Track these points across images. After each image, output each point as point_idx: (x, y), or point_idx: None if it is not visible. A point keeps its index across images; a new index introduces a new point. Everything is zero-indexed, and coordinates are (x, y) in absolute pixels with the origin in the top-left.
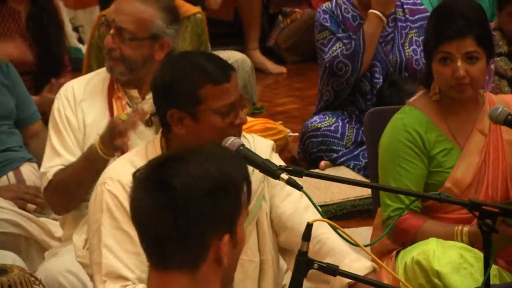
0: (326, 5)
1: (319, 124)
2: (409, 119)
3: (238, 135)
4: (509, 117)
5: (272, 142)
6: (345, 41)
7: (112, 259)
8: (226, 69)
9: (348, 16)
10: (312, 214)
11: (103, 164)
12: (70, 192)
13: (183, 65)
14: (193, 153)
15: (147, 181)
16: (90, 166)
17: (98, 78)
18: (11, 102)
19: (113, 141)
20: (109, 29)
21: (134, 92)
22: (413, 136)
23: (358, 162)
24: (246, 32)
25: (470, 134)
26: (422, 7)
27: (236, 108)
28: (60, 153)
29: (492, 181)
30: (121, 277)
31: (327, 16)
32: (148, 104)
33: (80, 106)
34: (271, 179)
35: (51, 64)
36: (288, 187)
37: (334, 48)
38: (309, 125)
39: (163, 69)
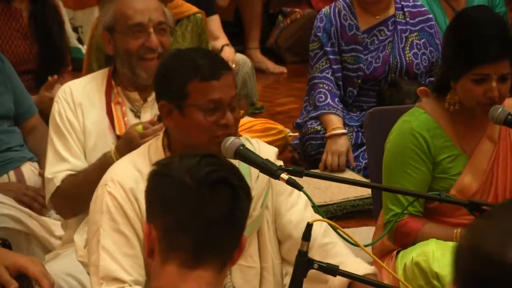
0: (325, 10)
1: (319, 127)
2: (417, 122)
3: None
4: (509, 117)
5: (276, 149)
6: (330, 56)
7: (109, 262)
8: (218, 67)
9: (346, 24)
10: (318, 224)
11: None
12: (81, 198)
13: (178, 59)
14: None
15: (202, 179)
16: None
17: (96, 82)
18: (9, 98)
19: None
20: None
21: (135, 95)
22: (419, 141)
23: (358, 163)
24: (246, 31)
25: (478, 141)
26: (423, 9)
27: (224, 108)
28: (65, 157)
29: (499, 190)
30: (117, 280)
31: (322, 24)
32: (149, 107)
33: (80, 108)
34: (275, 188)
35: (53, 63)
36: (294, 197)
37: (318, 65)
38: (309, 126)
39: (161, 63)
